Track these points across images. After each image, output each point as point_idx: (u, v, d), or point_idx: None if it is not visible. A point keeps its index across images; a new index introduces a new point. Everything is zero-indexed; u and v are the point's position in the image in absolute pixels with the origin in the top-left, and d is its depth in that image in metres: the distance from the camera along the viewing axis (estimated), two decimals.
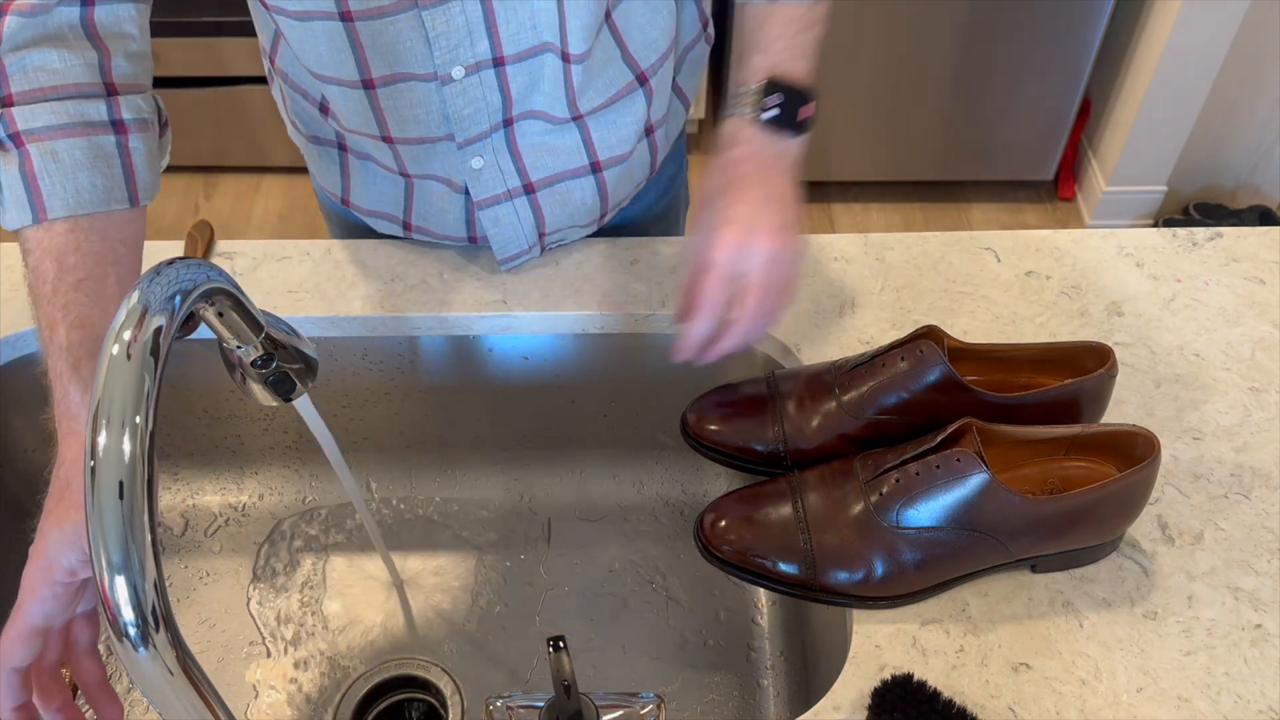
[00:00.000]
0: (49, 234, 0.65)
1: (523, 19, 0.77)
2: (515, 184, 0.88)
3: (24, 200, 0.65)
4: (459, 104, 0.81)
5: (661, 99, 0.91)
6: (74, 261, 0.64)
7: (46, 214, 0.64)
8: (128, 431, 0.45)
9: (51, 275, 0.64)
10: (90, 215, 0.66)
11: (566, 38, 0.79)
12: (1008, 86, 2.20)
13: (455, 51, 0.77)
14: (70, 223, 0.65)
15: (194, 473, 1.03)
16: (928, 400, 0.73)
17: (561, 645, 0.64)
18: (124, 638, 0.45)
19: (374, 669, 0.89)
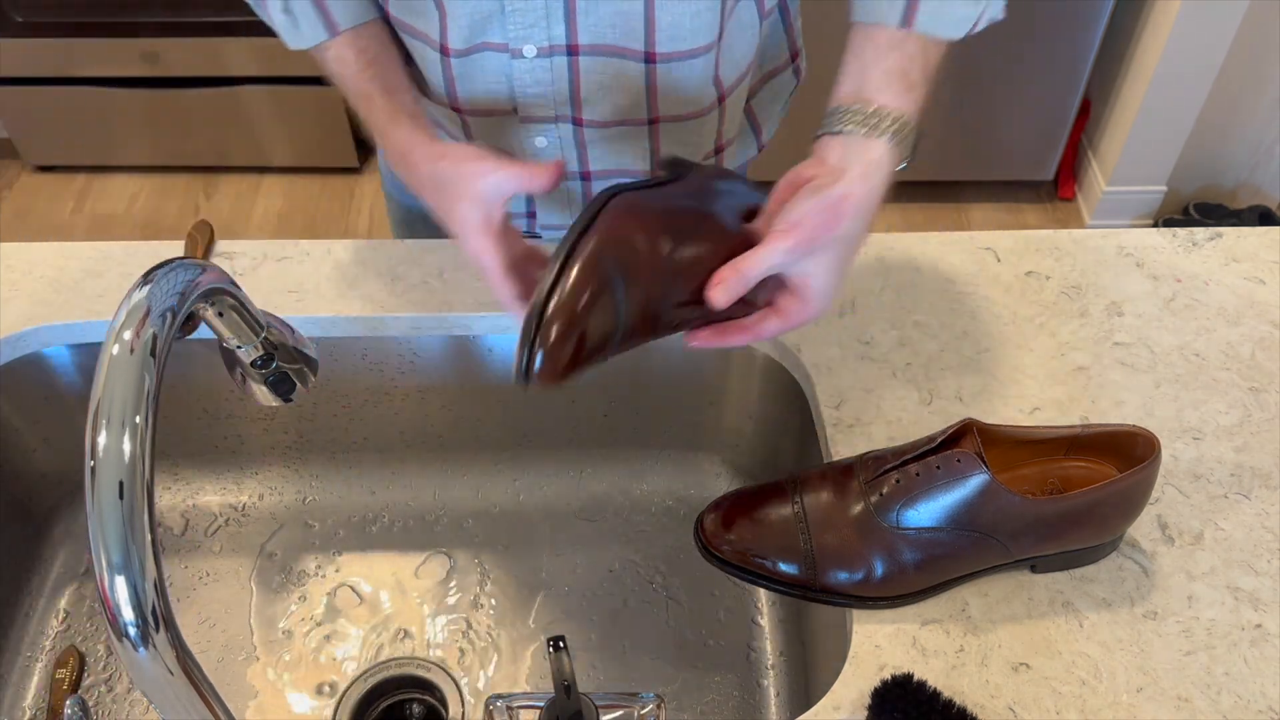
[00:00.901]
0: (340, 40, 0.79)
1: (604, 15, 0.77)
2: (573, 169, 0.90)
3: (318, 22, 0.78)
4: (525, 82, 0.82)
5: (733, 121, 0.91)
6: (366, 46, 0.80)
7: (338, 30, 0.79)
8: (128, 431, 0.45)
9: (353, 59, 0.79)
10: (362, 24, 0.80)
11: (655, 38, 0.79)
12: (1008, 86, 2.20)
13: (529, 30, 0.78)
14: (354, 31, 0.79)
15: (194, 473, 1.03)
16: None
17: (561, 645, 0.64)
18: (124, 638, 0.45)
19: (374, 669, 0.89)
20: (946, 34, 0.71)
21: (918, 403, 0.84)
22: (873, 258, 0.95)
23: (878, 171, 0.68)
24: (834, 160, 0.68)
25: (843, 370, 0.86)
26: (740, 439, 1.01)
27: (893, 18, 0.70)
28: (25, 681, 0.90)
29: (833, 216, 0.65)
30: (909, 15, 0.70)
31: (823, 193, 0.66)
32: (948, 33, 0.72)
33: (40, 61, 2.33)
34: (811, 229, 0.64)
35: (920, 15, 0.70)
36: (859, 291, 0.92)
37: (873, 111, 0.68)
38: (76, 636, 0.93)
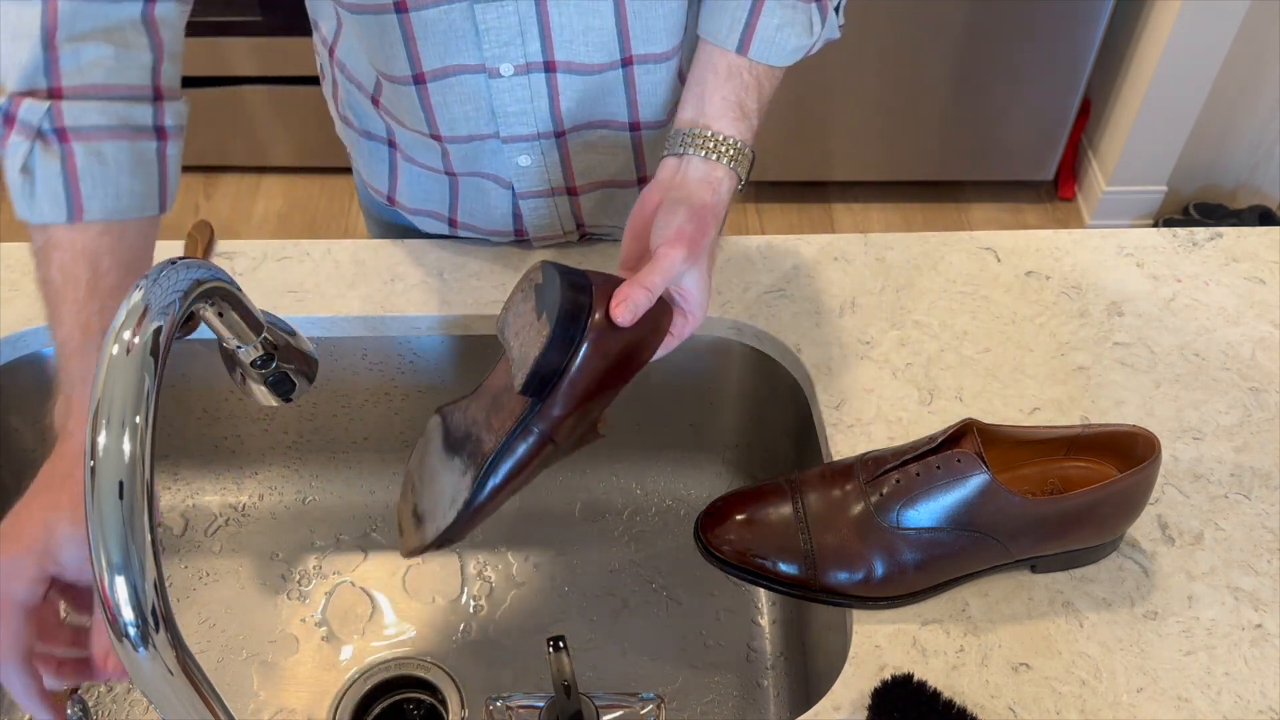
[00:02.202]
0: (83, 235, 0.64)
1: (577, 29, 0.77)
2: (560, 184, 0.89)
3: (61, 197, 0.63)
4: (505, 101, 0.81)
5: None
6: (108, 265, 0.64)
7: (83, 215, 0.63)
8: (128, 431, 0.45)
9: (85, 278, 0.63)
10: (124, 221, 0.66)
11: (630, 44, 0.79)
12: (1008, 86, 2.20)
13: (505, 49, 0.78)
14: (104, 226, 0.64)
15: (194, 473, 1.03)
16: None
17: (561, 645, 0.64)
18: (124, 638, 0.45)
19: (374, 669, 0.89)
20: (779, 62, 0.75)
21: (918, 403, 0.84)
22: (873, 258, 0.95)
23: (720, 187, 0.72)
24: (679, 180, 0.72)
25: (843, 370, 0.86)
26: (740, 439, 1.01)
27: (730, 42, 0.74)
28: None
29: (702, 223, 0.69)
30: (744, 43, 0.74)
31: (686, 203, 0.69)
32: (780, 61, 0.75)
33: None
34: (692, 234, 0.67)
35: (755, 45, 0.74)
36: (859, 291, 0.92)
37: (710, 136, 0.72)
38: None
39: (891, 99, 2.22)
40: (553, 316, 0.64)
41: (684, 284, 0.69)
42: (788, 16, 0.73)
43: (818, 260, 0.95)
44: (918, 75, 2.18)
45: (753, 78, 0.74)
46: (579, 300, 0.65)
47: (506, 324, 0.69)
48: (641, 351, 0.69)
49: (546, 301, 0.65)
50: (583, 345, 0.65)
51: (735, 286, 0.92)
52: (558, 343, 0.64)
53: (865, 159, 2.37)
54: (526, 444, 0.67)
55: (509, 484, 0.69)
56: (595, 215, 0.93)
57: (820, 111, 2.24)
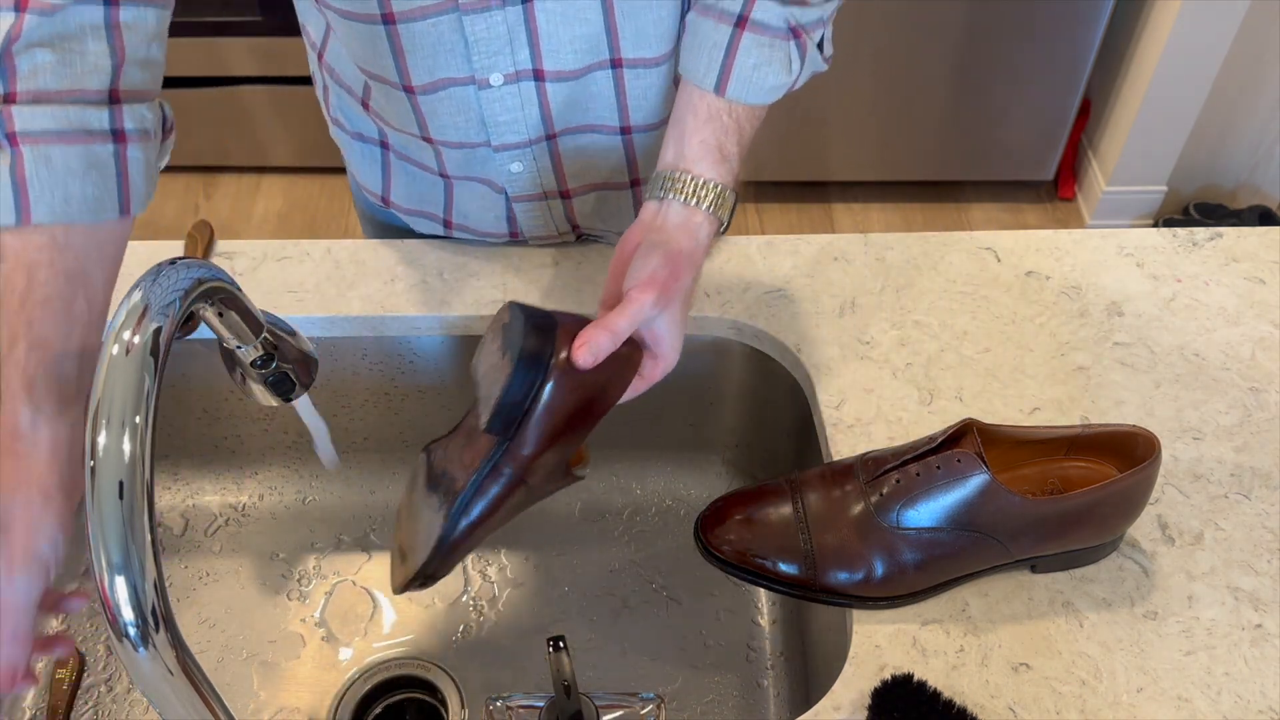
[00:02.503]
0: (27, 243, 0.62)
1: (564, 38, 0.77)
2: (552, 188, 0.89)
3: (10, 201, 0.62)
4: (495, 110, 0.81)
5: None
6: (45, 277, 0.62)
7: (30, 218, 0.62)
8: (128, 431, 0.45)
9: (20, 288, 0.61)
10: (73, 226, 0.64)
11: (619, 45, 0.79)
12: (1008, 86, 2.20)
13: (494, 58, 0.77)
14: (50, 233, 0.63)
15: (194, 473, 1.03)
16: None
17: (561, 645, 0.64)
18: (124, 638, 0.45)
19: (374, 669, 0.89)
20: (758, 101, 0.74)
21: (918, 403, 0.84)
22: (873, 258, 0.95)
23: (699, 232, 0.71)
24: (659, 223, 0.71)
25: (843, 370, 0.86)
26: (740, 439, 1.01)
27: (708, 82, 0.73)
28: None
29: (677, 268, 0.69)
30: (722, 83, 0.73)
31: (662, 248, 0.69)
32: (759, 100, 0.74)
33: None
34: (665, 280, 0.67)
35: (732, 84, 0.73)
36: (859, 291, 0.92)
37: (690, 181, 0.71)
38: (76, 636, 0.93)
39: (891, 99, 2.22)
40: (515, 356, 0.65)
41: (655, 327, 0.69)
42: (765, 55, 0.73)
43: (818, 260, 0.95)
44: (918, 75, 2.18)
45: (732, 120, 0.74)
46: (542, 340, 0.66)
47: (478, 364, 0.70)
48: (608, 393, 0.69)
49: (511, 341, 0.66)
50: (546, 385, 0.65)
51: (735, 286, 0.92)
52: (520, 381, 0.65)
53: (865, 159, 2.37)
54: (497, 484, 0.68)
55: (483, 522, 0.69)
56: (589, 218, 0.93)
57: (820, 112, 2.24)
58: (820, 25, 0.75)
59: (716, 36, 0.73)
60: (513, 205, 0.91)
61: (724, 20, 0.73)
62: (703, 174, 0.72)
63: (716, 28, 0.73)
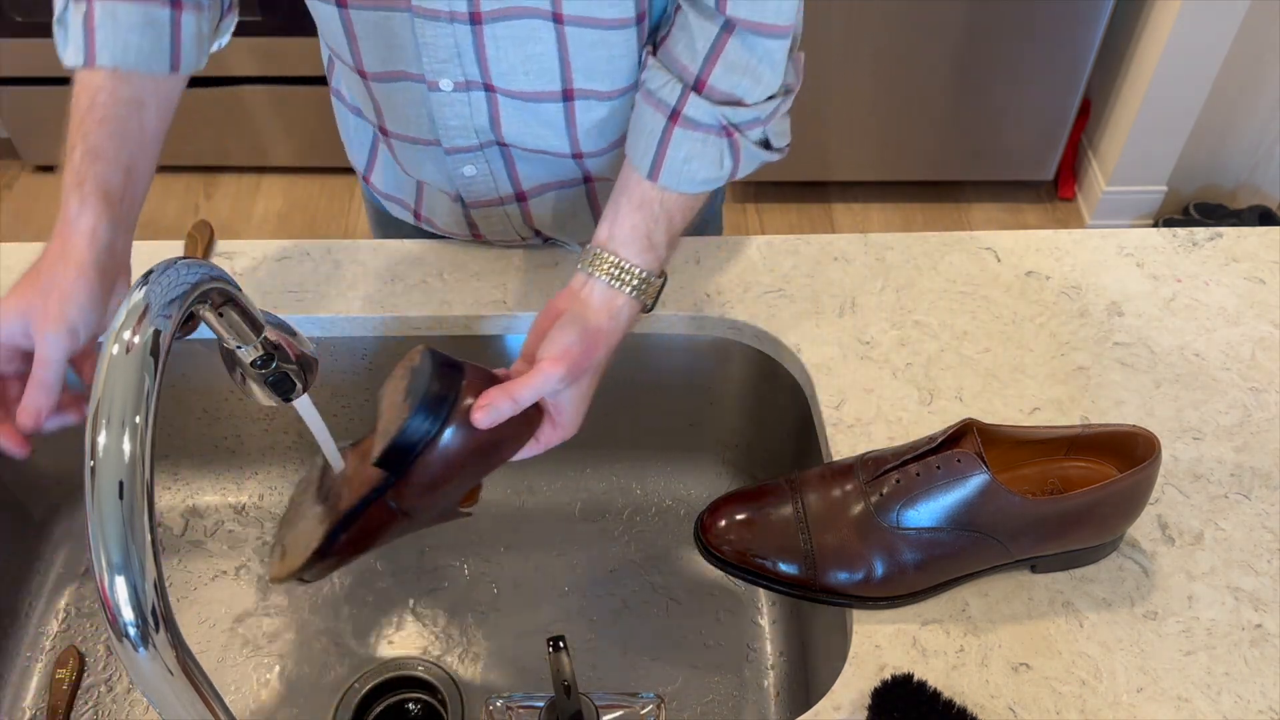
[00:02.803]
0: (93, 76, 0.74)
1: (515, 59, 0.77)
2: (508, 192, 0.89)
3: (80, 44, 0.74)
4: (445, 114, 0.81)
5: None
6: (103, 99, 0.73)
7: (95, 60, 0.73)
8: (128, 431, 0.45)
9: (84, 107, 0.73)
10: (130, 70, 0.74)
11: (571, 76, 0.79)
12: (1008, 86, 2.20)
13: (444, 65, 0.78)
14: (112, 71, 0.74)
15: (194, 473, 1.03)
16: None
17: (561, 645, 0.64)
18: (124, 638, 0.45)
19: (374, 669, 0.89)
20: (690, 190, 0.76)
21: (918, 403, 0.84)
22: (873, 258, 0.95)
23: (620, 315, 0.74)
24: (584, 295, 0.74)
25: (843, 370, 0.86)
26: (740, 439, 1.01)
27: (643, 168, 0.75)
28: (25, 681, 0.90)
29: (591, 346, 0.72)
30: (655, 170, 0.75)
31: (580, 324, 0.72)
32: (691, 189, 0.76)
33: (40, 61, 2.33)
34: (577, 356, 0.70)
35: (664, 174, 0.75)
36: (859, 291, 0.92)
37: (617, 263, 0.74)
38: (76, 636, 0.93)
39: (891, 99, 2.22)
40: (415, 401, 0.66)
41: (560, 399, 0.72)
42: (696, 149, 0.74)
43: (818, 260, 0.95)
44: (918, 75, 2.18)
45: (663, 210, 0.75)
46: (445, 390, 0.67)
47: (382, 395, 0.71)
48: (501, 450, 0.71)
49: (415, 385, 0.68)
50: (441, 434, 0.67)
51: (735, 286, 0.92)
52: (417, 426, 0.67)
53: (865, 159, 2.37)
54: (380, 512, 0.70)
55: (358, 543, 0.71)
56: (548, 222, 0.93)
57: (820, 111, 2.24)
58: (757, 124, 0.75)
59: (652, 125, 0.75)
60: (470, 210, 0.91)
61: (660, 110, 0.75)
62: (628, 258, 0.74)
63: (654, 116, 0.75)
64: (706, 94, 0.73)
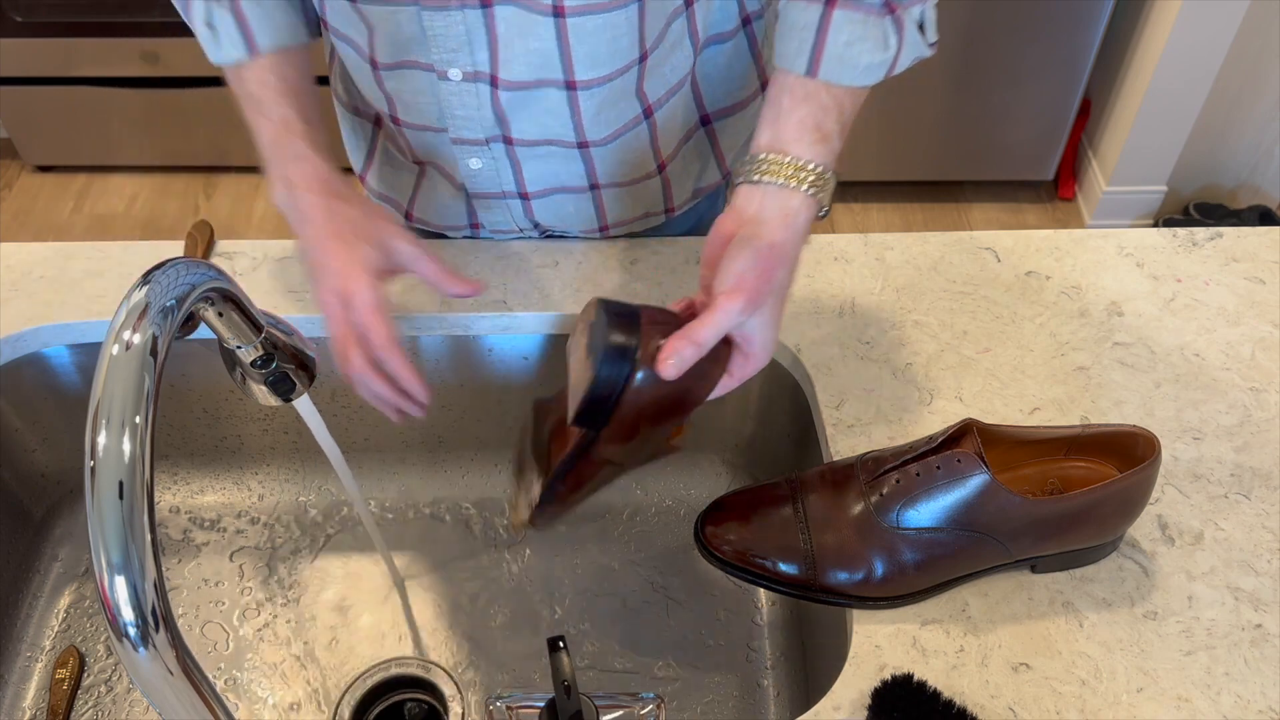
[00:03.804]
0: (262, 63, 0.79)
1: (517, 49, 0.77)
2: (511, 189, 0.90)
3: (238, 38, 0.78)
4: (452, 104, 0.82)
5: (671, 136, 0.90)
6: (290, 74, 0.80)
7: (257, 48, 0.78)
8: (128, 431, 0.45)
9: (275, 85, 0.78)
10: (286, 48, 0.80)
11: (572, 68, 0.79)
12: (1008, 86, 2.20)
13: (453, 54, 0.78)
14: (275, 56, 0.79)
15: (194, 473, 1.03)
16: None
17: (561, 645, 0.64)
18: (124, 638, 0.45)
19: (374, 669, 0.89)
20: (855, 82, 0.71)
21: (918, 403, 0.84)
22: (873, 258, 0.95)
23: (796, 220, 0.68)
24: (753, 211, 0.68)
25: (843, 370, 0.86)
26: (740, 439, 1.01)
27: (799, 65, 0.70)
28: (25, 681, 0.90)
29: (768, 268, 0.66)
30: (813, 64, 0.70)
31: (753, 245, 0.66)
32: (856, 81, 0.71)
33: (40, 61, 2.33)
34: (754, 284, 0.65)
35: (825, 64, 0.70)
36: (859, 291, 0.92)
37: (788, 162, 0.68)
38: (76, 636, 0.93)
39: (891, 99, 2.22)
40: (597, 358, 0.64)
41: (745, 329, 0.66)
42: (858, 31, 0.69)
43: (818, 260, 0.95)
44: (917, 75, 2.17)
45: (832, 99, 0.70)
46: (625, 341, 0.64)
47: (570, 352, 0.70)
48: (694, 391, 0.68)
49: (595, 341, 0.65)
50: (629, 382, 0.64)
51: None
52: (604, 380, 0.64)
53: (865, 159, 2.37)
54: (587, 465, 0.70)
55: (573, 494, 0.72)
56: (551, 219, 0.94)
57: None
58: (918, 1, 0.71)
59: (807, 17, 0.70)
60: (473, 201, 0.91)
61: (814, 0, 0.70)
62: (801, 154, 0.68)
63: (807, 8, 0.70)
64: None
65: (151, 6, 2.23)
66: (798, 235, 0.68)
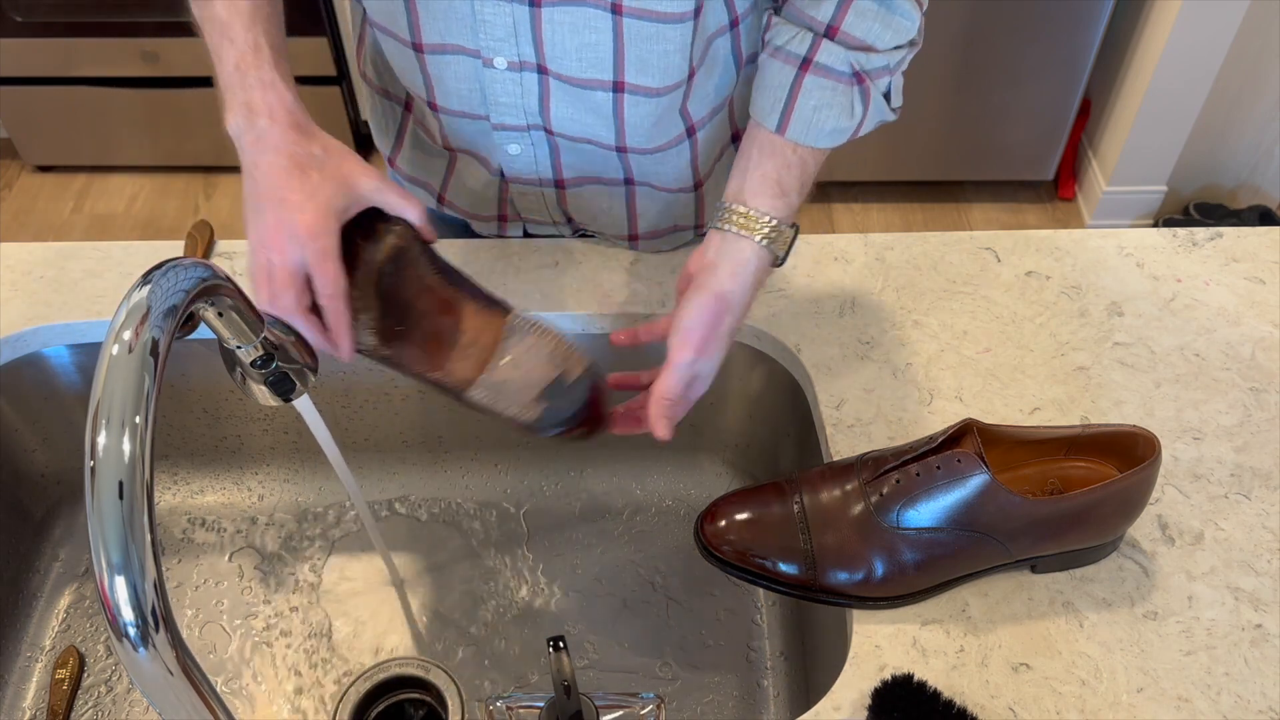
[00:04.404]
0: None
1: (570, 45, 0.77)
2: (548, 176, 0.90)
3: None
4: (496, 91, 0.82)
5: (708, 157, 0.91)
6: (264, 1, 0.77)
7: None
8: (128, 431, 0.45)
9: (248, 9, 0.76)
10: None
11: (624, 68, 0.79)
12: (1008, 86, 2.20)
13: (500, 43, 0.78)
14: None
15: (194, 473, 1.03)
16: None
17: (561, 645, 0.64)
18: (124, 638, 0.45)
19: (374, 669, 0.89)
20: (819, 144, 0.76)
21: (918, 403, 0.84)
22: (873, 258, 0.95)
23: (746, 269, 0.74)
24: (710, 255, 0.75)
25: (843, 370, 0.86)
26: (740, 439, 1.01)
27: (771, 122, 0.76)
28: (25, 681, 0.90)
29: (714, 319, 0.74)
30: (783, 124, 0.75)
31: (701, 295, 0.74)
32: (821, 143, 0.76)
33: (40, 61, 2.33)
34: (701, 336, 0.73)
35: (793, 126, 0.75)
36: (859, 291, 0.92)
37: (745, 212, 0.74)
38: (76, 636, 0.93)
39: None
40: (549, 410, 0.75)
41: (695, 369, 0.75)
42: (826, 98, 0.74)
43: (818, 260, 0.95)
44: (917, 75, 2.17)
45: (796, 157, 0.75)
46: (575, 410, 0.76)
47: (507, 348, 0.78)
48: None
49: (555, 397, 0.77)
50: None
51: None
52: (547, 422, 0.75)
53: (865, 159, 2.37)
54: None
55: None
56: (583, 213, 0.94)
57: None
58: (885, 73, 0.76)
59: (781, 78, 0.75)
60: (508, 186, 0.91)
61: (789, 62, 0.75)
62: (759, 206, 0.74)
63: (782, 69, 0.75)
64: (839, 39, 0.73)
65: (151, 6, 2.23)
66: (745, 284, 0.75)
